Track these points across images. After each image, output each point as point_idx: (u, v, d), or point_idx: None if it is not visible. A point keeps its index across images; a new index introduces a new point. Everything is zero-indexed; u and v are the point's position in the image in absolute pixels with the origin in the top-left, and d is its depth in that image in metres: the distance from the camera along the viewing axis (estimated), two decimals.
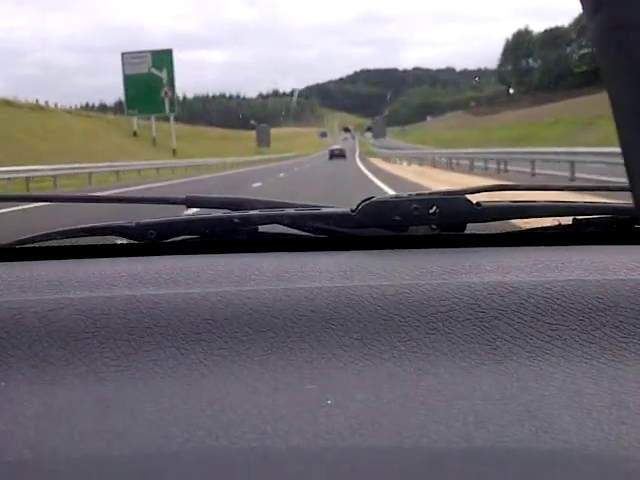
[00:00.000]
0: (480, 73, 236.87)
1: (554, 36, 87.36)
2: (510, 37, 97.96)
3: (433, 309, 0.62)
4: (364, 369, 0.56)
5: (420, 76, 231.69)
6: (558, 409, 0.49)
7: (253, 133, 73.13)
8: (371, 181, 17.26)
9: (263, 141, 68.30)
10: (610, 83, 0.27)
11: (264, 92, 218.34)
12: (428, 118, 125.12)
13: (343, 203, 0.95)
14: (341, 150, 53.07)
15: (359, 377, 0.55)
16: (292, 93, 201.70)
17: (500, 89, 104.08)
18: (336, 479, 0.42)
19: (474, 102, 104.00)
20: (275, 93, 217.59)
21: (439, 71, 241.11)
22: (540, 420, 0.47)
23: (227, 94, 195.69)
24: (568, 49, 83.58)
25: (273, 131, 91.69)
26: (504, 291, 0.65)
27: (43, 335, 0.61)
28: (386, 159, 39.00)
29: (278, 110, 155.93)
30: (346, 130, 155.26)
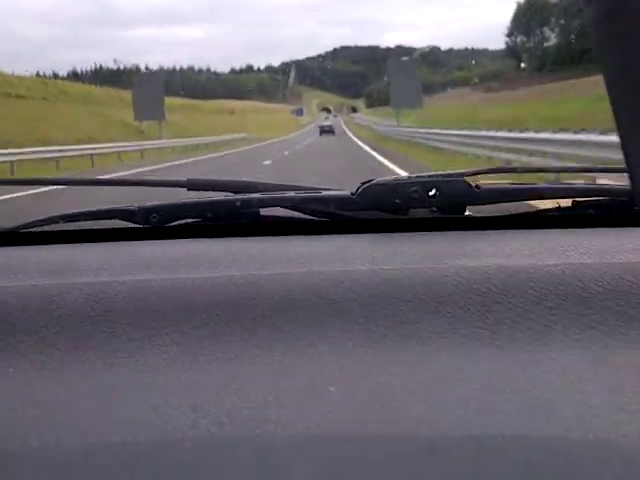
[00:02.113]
0: (468, 52, 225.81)
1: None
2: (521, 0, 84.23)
3: (433, 293, 0.62)
4: (365, 354, 0.56)
5: (403, 54, 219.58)
6: (558, 395, 0.48)
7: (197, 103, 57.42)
8: None
9: (146, 112, 34.65)
10: (606, 68, 0.27)
11: (237, 67, 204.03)
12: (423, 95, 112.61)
13: None
14: (330, 126, 53.78)
15: (361, 362, 0.54)
16: (289, 69, 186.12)
17: (505, 64, 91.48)
18: (338, 466, 0.42)
19: (477, 79, 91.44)
20: (249, 69, 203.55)
21: (423, 49, 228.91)
22: (539, 406, 0.47)
23: (196, 68, 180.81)
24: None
25: (229, 103, 74.23)
26: (503, 275, 0.64)
27: (49, 320, 0.61)
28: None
29: (252, 85, 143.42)
30: (326, 110, 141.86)
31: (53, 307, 0.62)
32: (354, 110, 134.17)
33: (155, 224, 0.91)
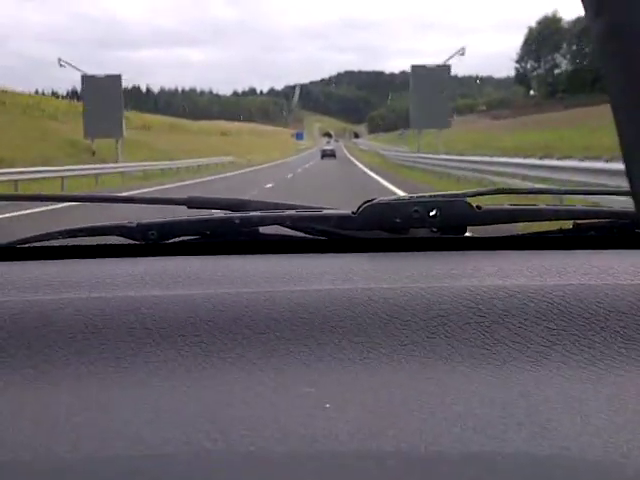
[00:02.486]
0: (472, 80, 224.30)
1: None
2: (533, 25, 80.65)
3: (433, 312, 0.63)
4: (363, 373, 0.56)
5: (408, 81, 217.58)
6: (557, 415, 0.48)
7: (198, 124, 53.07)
8: None
9: (99, 128, 27.00)
10: (610, 87, 0.26)
11: (239, 90, 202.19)
12: None
13: None
14: (332, 150, 53.14)
15: (358, 380, 0.55)
16: (294, 90, 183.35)
17: (513, 91, 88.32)
18: None
19: (484, 106, 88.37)
20: (252, 91, 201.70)
21: None
22: (539, 426, 0.46)
23: (198, 90, 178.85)
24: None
25: (222, 124, 68.32)
26: (504, 295, 0.65)
27: (43, 335, 0.61)
28: None
29: (253, 108, 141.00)
30: (327, 135, 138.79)
31: (47, 322, 0.62)
32: (356, 136, 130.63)
33: (153, 241, 0.91)
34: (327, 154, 49.86)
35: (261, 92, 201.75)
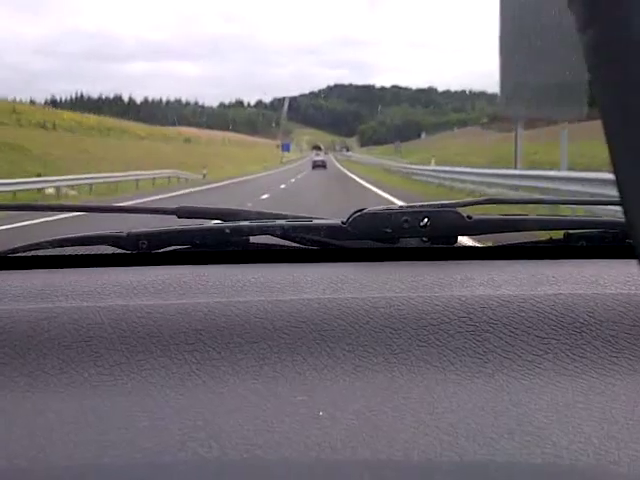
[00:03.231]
0: (464, 95, 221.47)
1: None
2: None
3: (424, 322, 0.63)
4: (355, 381, 0.56)
5: (398, 94, 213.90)
6: (548, 423, 0.48)
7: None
8: None
9: None
10: (601, 98, 0.26)
11: (226, 101, 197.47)
12: (423, 135, 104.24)
13: None
14: (323, 161, 53.64)
15: (350, 389, 0.55)
16: (282, 102, 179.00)
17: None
18: None
19: (487, 119, 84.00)
20: (239, 103, 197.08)
21: (419, 90, 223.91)
22: (530, 434, 0.47)
23: (184, 100, 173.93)
24: None
25: (186, 131, 59.68)
26: (495, 304, 0.65)
27: (35, 344, 0.61)
28: None
29: (240, 120, 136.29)
30: (317, 148, 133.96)
31: (39, 331, 0.62)
32: (347, 149, 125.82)
33: (144, 250, 0.91)
34: (318, 164, 51.24)
35: (249, 104, 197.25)
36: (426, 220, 0.88)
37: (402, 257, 0.87)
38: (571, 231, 0.94)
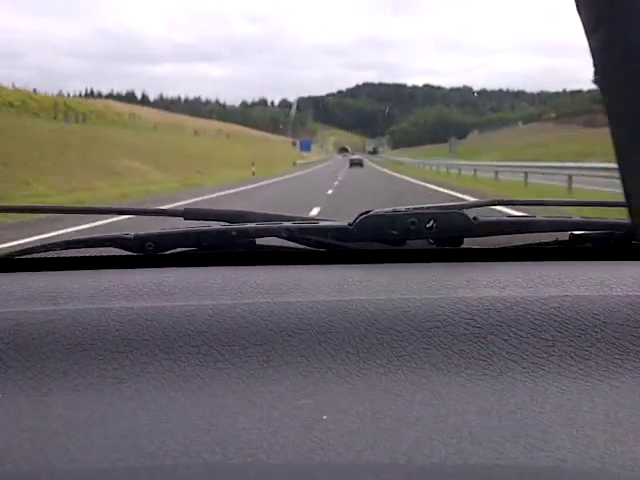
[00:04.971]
0: (502, 95, 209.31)
1: None
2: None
3: (429, 324, 0.63)
4: (360, 384, 0.56)
5: (431, 94, 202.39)
6: (553, 426, 0.48)
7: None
8: None
9: None
10: (608, 100, 0.27)
11: (248, 100, 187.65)
12: (473, 133, 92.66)
13: None
14: (360, 160, 52.19)
15: (354, 392, 0.55)
16: (291, 104, 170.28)
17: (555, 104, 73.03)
18: None
19: (554, 113, 72.79)
20: (262, 102, 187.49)
21: (454, 90, 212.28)
22: (535, 437, 0.47)
23: (203, 99, 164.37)
24: None
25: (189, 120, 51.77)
26: (500, 306, 0.65)
27: (40, 346, 0.61)
28: None
29: (261, 118, 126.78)
30: (344, 150, 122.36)
31: (44, 333, 0.62)
32: (374, 151, 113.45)
33: (150, 252, 0.91)
34: (355, 163, 50.00)
35: (272, 103, 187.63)
36: (432, 222, 0.88)
37: (408, 259, 0.87)
38: (577, 232, 0.94)
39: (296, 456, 0.45)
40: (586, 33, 0.27)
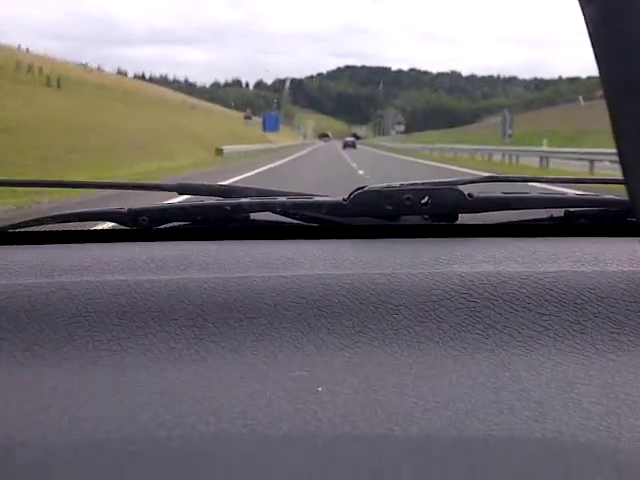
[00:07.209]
0: (492, 80, 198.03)
1: None
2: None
3: (424, 298, 0.63)
4: (355, 356, 0.56)
5: (418, 78, 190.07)
6: (549, 399, 0.49)
7: None
8: None
9: None
10: (604, 72, 0.26)
11: (221, 81, 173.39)
12: (505, 112, 79.50)
13: None
14: (353, 142, 52.54)
15: (349, 364, 0.55)
16: (284, 83, 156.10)
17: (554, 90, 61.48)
18: (325, 466, 0.42)
19: (581, 97, 61.03)
20: (236, 83, 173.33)
21: (441, 74, 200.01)
22: (530, 409, 0.47)
23: (170, 77, 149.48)
24: None
25: None
26: (496, 281, 0.65)
27: (34, 319, 0.61)
28: None
29: (234, 100, 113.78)
30: (324, 136, 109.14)
31: (38, 306, 0.63)
32: (356, 137, 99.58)
33: (144, 226, 0.91)
34: (349, 145, 50.26)
35: (247, 84, 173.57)
36: (427, 198, 0.88)
37: (403, 234, 0.87)
38: (572, 209, 0.94)
39: (291, 427, 0.45)
40: (580, 4, 0.26)
